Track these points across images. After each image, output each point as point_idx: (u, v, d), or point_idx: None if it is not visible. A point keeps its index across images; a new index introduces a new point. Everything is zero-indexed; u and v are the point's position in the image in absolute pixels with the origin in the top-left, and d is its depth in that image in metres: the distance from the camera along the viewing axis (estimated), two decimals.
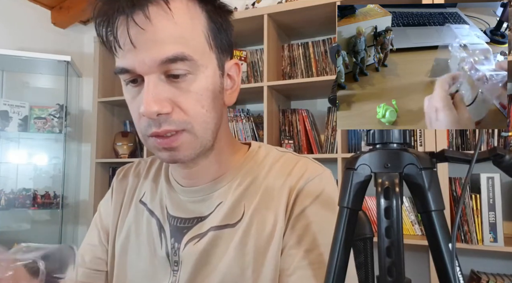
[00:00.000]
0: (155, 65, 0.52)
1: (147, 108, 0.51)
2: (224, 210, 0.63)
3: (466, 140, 1.71)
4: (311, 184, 0.62)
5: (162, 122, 0.54)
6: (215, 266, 0.61)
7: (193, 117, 0.55)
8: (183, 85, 0.54)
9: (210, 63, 0.57)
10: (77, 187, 2.72)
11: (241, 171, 0.66)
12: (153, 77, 0.53)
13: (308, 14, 1.93)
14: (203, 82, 0.55)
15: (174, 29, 0.52)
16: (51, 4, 2.67)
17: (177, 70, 0.53)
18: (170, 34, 0.52)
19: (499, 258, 1.73)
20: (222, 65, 0.60)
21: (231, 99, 0.63)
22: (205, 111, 0.56)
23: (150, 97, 0.52)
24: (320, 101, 2.20)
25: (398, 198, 0.36)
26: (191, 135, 0.56)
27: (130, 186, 0.75)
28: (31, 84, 2.58)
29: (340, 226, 0.41)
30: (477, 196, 1.56)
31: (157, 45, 0.51)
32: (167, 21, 0.52)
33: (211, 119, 0.58)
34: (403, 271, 0.36)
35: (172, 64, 0.52)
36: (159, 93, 0.53)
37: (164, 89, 0.53)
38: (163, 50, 0.52)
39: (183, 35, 0.53)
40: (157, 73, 0.53)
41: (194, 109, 0.55)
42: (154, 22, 0.51)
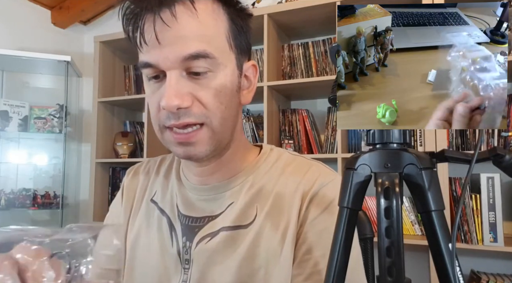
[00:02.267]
0: (177, 61, 0.54)
1: (168, 102, 0.53)
2: (236, 211, 0.63)
3: (466, 140, 1.71)
4: (324, 190, 0.63)
5: (181, 115, 0.55)
6: (227, 266, 0.61)
7: (212, 111, 0.57)
8: (203, 82, 0.56)
9: (229, 63, 0.59)
10: (77, 187, 2.72)
11: (254, 173, 0.66)
12: (175, 73, 0.55)
13: (308, 14, 1.93)
14: (223, 80, 0.57)
15: (198, 27, 0.55)
16: (51, 4, 2.67)
17: (198, 67, 0.55)
18: (194, 32, 0.55)
19: (499, 258, 1.73)
20: (241, 65, 0.62)
21: (247, 99, 0.65)
22: (224, 108, 0.58)
23: (172, 91, 0.54)
24: (320, 101, 2.20)
25: (398, 198, 0.36)
26: (209, 131, 0.57)
27: (141, 184, 0.76)
28: (31, 84, 2.58)
29: (340, 226, 0.41)
30: (477, 196, 1.56)
31: (180, 42, 0.54)
32: (192, 19, 0.54)
33: (228, 116, 0.59)
34: (403, 271, 0.36)
35: (194, 61, 0.54)
36: (180, 88, 0.55)
37: (185, 85, 0.55)
38: (187, 47, 0.54)
39: (206, 34, 0.55)
40: (179, 70, 0.55)
41: (213, 104, 0.56)
42: (180, 20, 0.54)
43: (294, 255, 0.61)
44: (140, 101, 2.33)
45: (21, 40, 2.48)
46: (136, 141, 2.48)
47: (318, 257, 0.59)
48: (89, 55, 2.64)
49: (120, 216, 0.75)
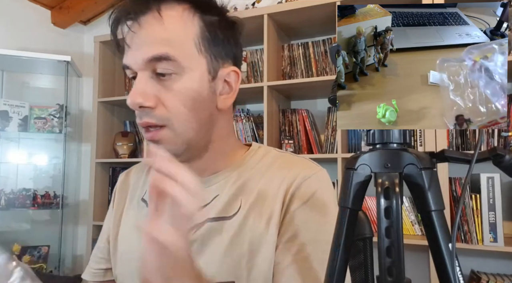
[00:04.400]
0: (143, 62, 0.59)
1: (131, 99, 0.58)
2: (221, 203, 0.66)
3: (466, 140, 1.71)
4: (307, 182, 0.66)
5: (144, 115, 0.59)
6: (212, 255, 0.63)
7: (174, 114, 0.60)
8: (168, 83, 0.60)
9: (197, 67, 0.61)
10: (77, 187, 2.72)
11: (240, 168, 0.69)
12: (143, 74, 0.59)
13: (308, 14, 1.93)
14: (188, 83, 0.60)
15: (162, 32, 0.59)
16: (51, 4, 2.67)
17: (162, 69, 0.59)
18: (158, 36, 0.59)
19: (499, 258, 1.73)
20: (215, 70, 0.63)
21: (225, 104, 0.66)
22: (186, 111, 0.60)
23: (137, 89, 0.58)
24: (320, 101, 2.20)
25: (398, 198, 0.36)
26: (171, 132, 0.60)
27: (134, 184, 0.79)
28: (31, 84, 2.58)
29: (340, 226, 0.41)
30: (477, 196, 1.56)
31: (145, 46, 0.59)
32: (158, 26, 0.59)
33: (193, 119, 0.61)
34: (403, 271, 0.36)
35: (158, 63, 0.59)
36: (146, 88, 0.59)
37: (152, 86, 0.59)
38: (150, 50, 0.58)
39: (170, 38, 0.59)
40: (147, 71, 0.59)
41: (175, 107, 0.60)
42: (145, 27, 0.59)
43: (277, 243, 0.63)
44: None
45: (21, 40, 2.48)
46: (136, 141, 2.48)
47: (299, 245, 0.62)
48: (89, 55, 2.64)
49: (111, 218, 0.79)
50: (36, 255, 2.27)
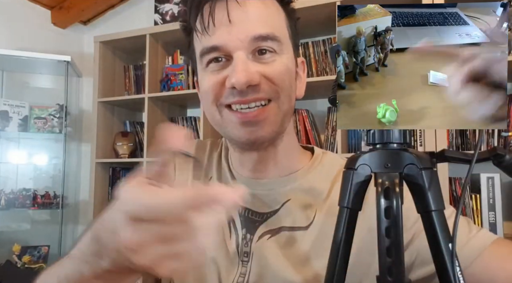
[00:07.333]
0: (247, 40, 0.56)
1: (238, 78, 0.54)
2: (294, 211, 0.64)
3: (466, 140, 1.71)
4: None
5: (249, 92, 0.56)
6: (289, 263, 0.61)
7: (280, 86, 0.58)
8: (268, 61, 0.58)
9: (289, 51, 0.61)
10: (77, 187, 2.72)
11: (310, 174, 0.67)
12: (241, 54, 0.56)
13: (308, 14, 1.93)
14: (285, 62, 0.60)
15: (266, 12, 0.58)
16: (51, 4, 2.67)
17: (266, 47, 0.57)
18: (264, 15, 0.58)
19: None
20: (296, 57, 0.65)
21: (300, 92, 0.67)
22: (289, 85, 0.60)
23: (242, 69, 0.55)
24: (320, 101, 2.20)
25: (398, 198, 0.36)
26: (276, 107, 0.59)
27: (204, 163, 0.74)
28: (31, 84, 2.58)
29: (340, 226, 0.41)
30: (477, 196, 1.56)
31: (252, 22, 0.57)
32: (261, 4, 0.58)
33: (293, 94, 0.62)
34: (403, 271, 0.36)
35: (262, 42, 0.57)
36: (248, 67, 0.56)
37: (252, 64, 0.57)
38: (257, 27, 0.56)
39: (273, 19, 0.59)
40: (245, 51, 0.56)
41: (281, 80, 0.58)
42: (250, 2, 0.57)
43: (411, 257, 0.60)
44: (140, 101, 2.32)
45: (21, 40, 2.48)
46: (136, 141, 2.48)
47: None
48: (89, 55, 2.64)
49: None
50: (36, 255, 2.27)
